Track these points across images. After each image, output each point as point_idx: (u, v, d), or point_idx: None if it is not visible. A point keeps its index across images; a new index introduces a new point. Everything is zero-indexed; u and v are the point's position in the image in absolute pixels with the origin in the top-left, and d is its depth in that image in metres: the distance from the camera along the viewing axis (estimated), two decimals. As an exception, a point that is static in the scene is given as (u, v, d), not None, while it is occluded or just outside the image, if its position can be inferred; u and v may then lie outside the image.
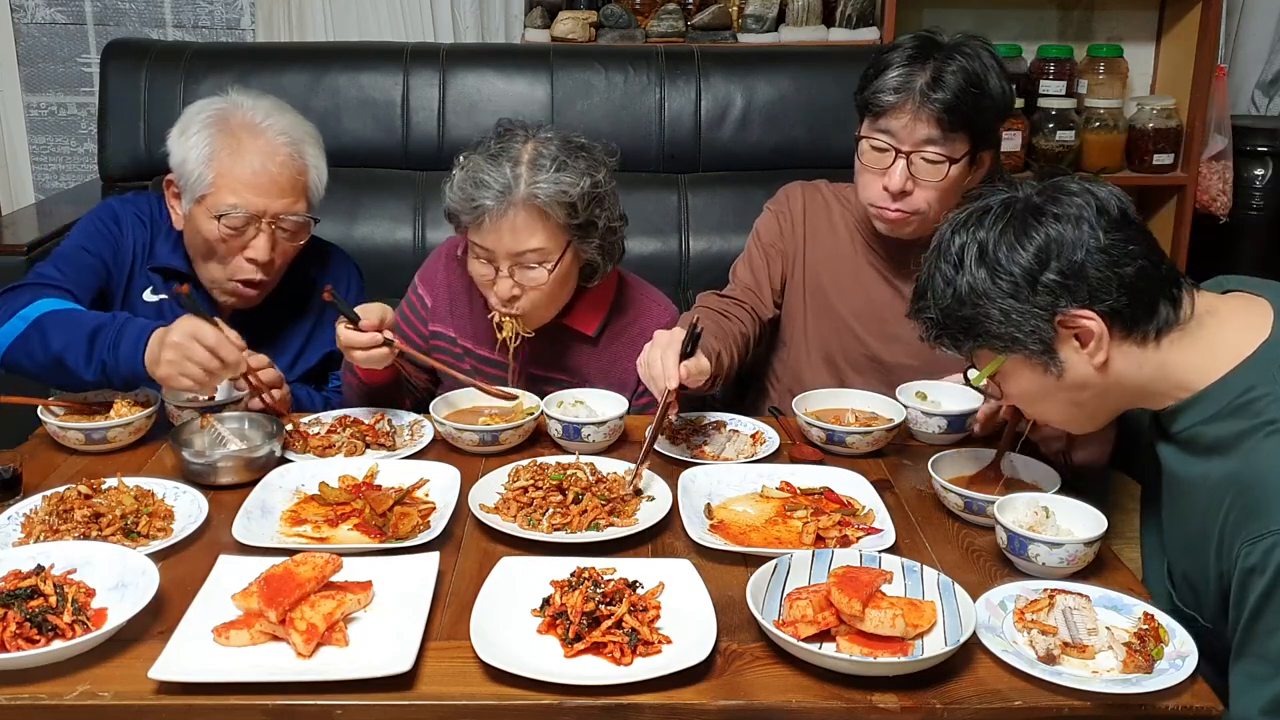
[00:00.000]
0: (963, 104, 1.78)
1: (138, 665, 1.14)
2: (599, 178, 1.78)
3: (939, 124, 1.79)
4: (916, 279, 1.42)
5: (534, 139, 1.77)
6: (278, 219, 1.86)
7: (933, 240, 1.39)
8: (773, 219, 2.09)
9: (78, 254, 1.91)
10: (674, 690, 1.13)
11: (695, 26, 3.71)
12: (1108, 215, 1.28)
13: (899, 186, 1.84)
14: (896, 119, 1.81)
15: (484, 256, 1.77)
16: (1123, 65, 3.94)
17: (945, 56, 1.80)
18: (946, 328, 1.36)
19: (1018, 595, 1.29)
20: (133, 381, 1.72)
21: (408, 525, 1.42)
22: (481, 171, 1.72)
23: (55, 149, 3.96)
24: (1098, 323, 1.27)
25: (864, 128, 1.87)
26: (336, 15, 3.62)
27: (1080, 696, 1.13)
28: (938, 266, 1.36)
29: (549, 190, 1.71)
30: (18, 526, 1.43)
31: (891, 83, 1.80)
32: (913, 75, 1.79)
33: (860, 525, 1.46)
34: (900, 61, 1.81)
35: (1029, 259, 1.28)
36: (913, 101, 1.79)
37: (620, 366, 1.91)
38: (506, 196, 1.71)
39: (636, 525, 1.45)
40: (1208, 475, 1.29)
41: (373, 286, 2.21)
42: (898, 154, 1.82)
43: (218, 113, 1.87)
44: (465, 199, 1.73)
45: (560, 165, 1.73)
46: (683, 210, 2.65)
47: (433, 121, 2.70)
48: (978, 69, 1.80)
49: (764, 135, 2.72)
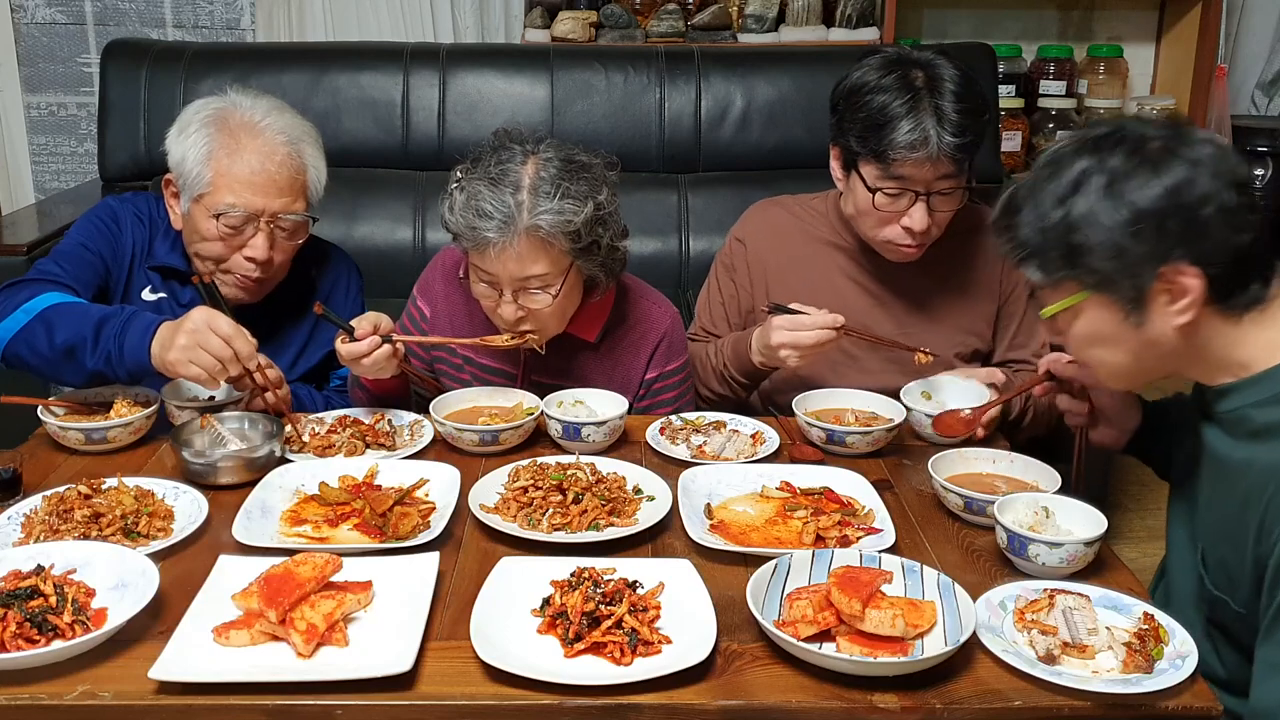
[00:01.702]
0: (971, 134, 1.78)
1: (138, 665, 1.14)
2: (601, 199, 1.73)
3: (955, 162, 1.78)
4: (1013, 191, 1.34)
5: (534, 157, 1.71)
6: (276, 218, 1.86)
7: (1043, 155, 1.32)
8: (740, 251, 2.08)
9: (78, 251, 1.91)
10: (674, 690, 1.13)
11: (695, 26, 3.71)
12: (1236, 177, 1.23)
13: (923, 225, 1.82)
14: (915, 168, 1.78)
15: (487, 280, 1.75)
16: (1123, 65, 3.95)
17: (935, 87, 1.77)
18: (1042, 250, 1.28)
19: (1018, 595, 1.29)
20: (137, 374, 1.72)
21: (408, 525, 1.42)
22: (482, 199, 1.67)
23: (55, 149, 3.96)
24: (1199, 283, 1.22)
25: (870, 174, 1.82)
26: (336, 15, 3.62)
27: (1080, 696, 1.13)
28: (1049, 184, 1.27)
29: (552, 220, 1.67)
30: (18, 526, 1.43)
31: (905, 138, 1.75)
32: (921, 122, 1.75)
33: (860, 525, 1.46)
34: (902, 111, 1.76)
35: (1157, 198, 1.21)
36: (930, 151, 1.76)
37: (622, 370, 1.91)
38: (509, 227, 1.66)
39: (636, 525, 1.45)
40: (1253, 460, 1.27)
41: (373, 286, 2.21)
42: (916, 196, 1.81)
43: (217, 112, 1.87)
44: (467, 226, 1.69)
45: (564, 193, 1.68)
46: (683, 210, 2.65)
47: (433, 121, 2.70)
48: (966, 92, 1.79)
49: (764, 135, 2.72)
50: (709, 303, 2.12)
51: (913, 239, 1.86)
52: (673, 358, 1.94)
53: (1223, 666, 1.39)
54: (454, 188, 1.74)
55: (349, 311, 2.08)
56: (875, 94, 1.80)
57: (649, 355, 1.92)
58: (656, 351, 1.92)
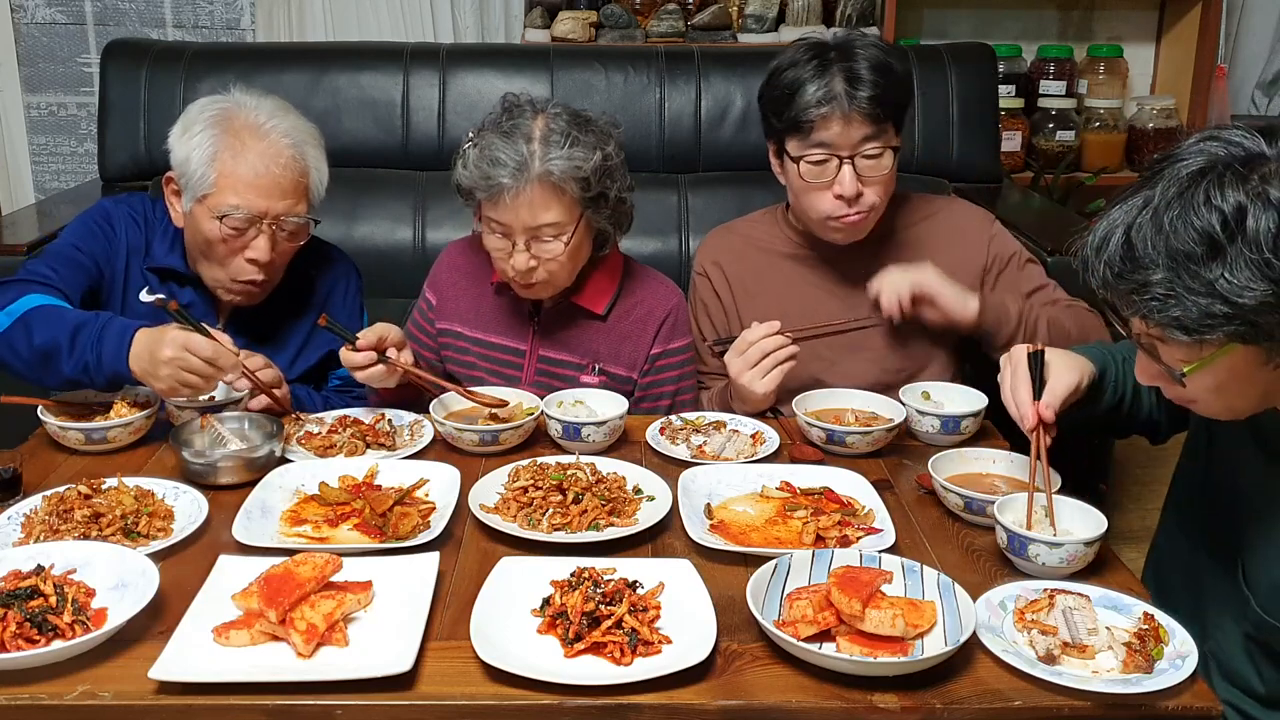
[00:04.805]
0: (882, 92, 1.82)
1: (138, 665, 1.14)
2: (609, 150, 1.83)
3: (871, 119, 1.82)
4: (1127, 233, 1.17)
5: (543, 113, 1.82)
6: (279, 220, 1.86)
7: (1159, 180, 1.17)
8: (708, 287, 2.09)
9: (69, 252, 1.91)
10: (674, 690, 1.13)
11: (695, 26, 3.71)
12: None
13: (853, 190, 1.85)
14: (828, 130, 1.83)
15: (500, 231, 1.82)
16: (1123, 65, 3.95)
17: (846, 55, 1.83)
18: (1195, 312, 1.13)
19: (1018, 595, 1.29)
20: (116, 381, 1.71)
21: (408, 525, 1.42)
22: (496, 149, 1.76)
23: (55, 149, 3.96)
24: None
25: (794, 148, 1.88)
26: (336, 15, 3.62)
27: (1080, 696, 1.13)
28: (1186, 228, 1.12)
29: (563, 166, 1.76)
30: (18, 526, 1.43)
31: (813, 98, 1.82)
32: (829, 83, 1.82)
33: (860, 525, 1.46)
34: (810, 75, 1.83)
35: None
36: (840, 107, 1.81)
37: (629, 344, 1.94)
38: (522, 173, 1.75)
39: (636, 525, 1.45)
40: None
41: (373, 286, 2.21)
42: (841, 161, 1.84)
43: (221, 112, 1.87)
44: (481, 176, 1.77)
45: (573, 141, 1.78)
46: (683, 210, 2.65)
47: (433, 121, 2.70)
48: (878, 55, 1.84)
49: (764, 135, 2.71)
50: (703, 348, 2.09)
51: (848, 207, 1.87)
52: (676, 336, 1.99)
53: (1262, 682, 1.38)
54: (466, 147, 1.84)
55: (349, 311, 2.09)
56: (787, 70, 1.87)
57: (655, 330, 1.97)
58: (663, 327, 1.97)
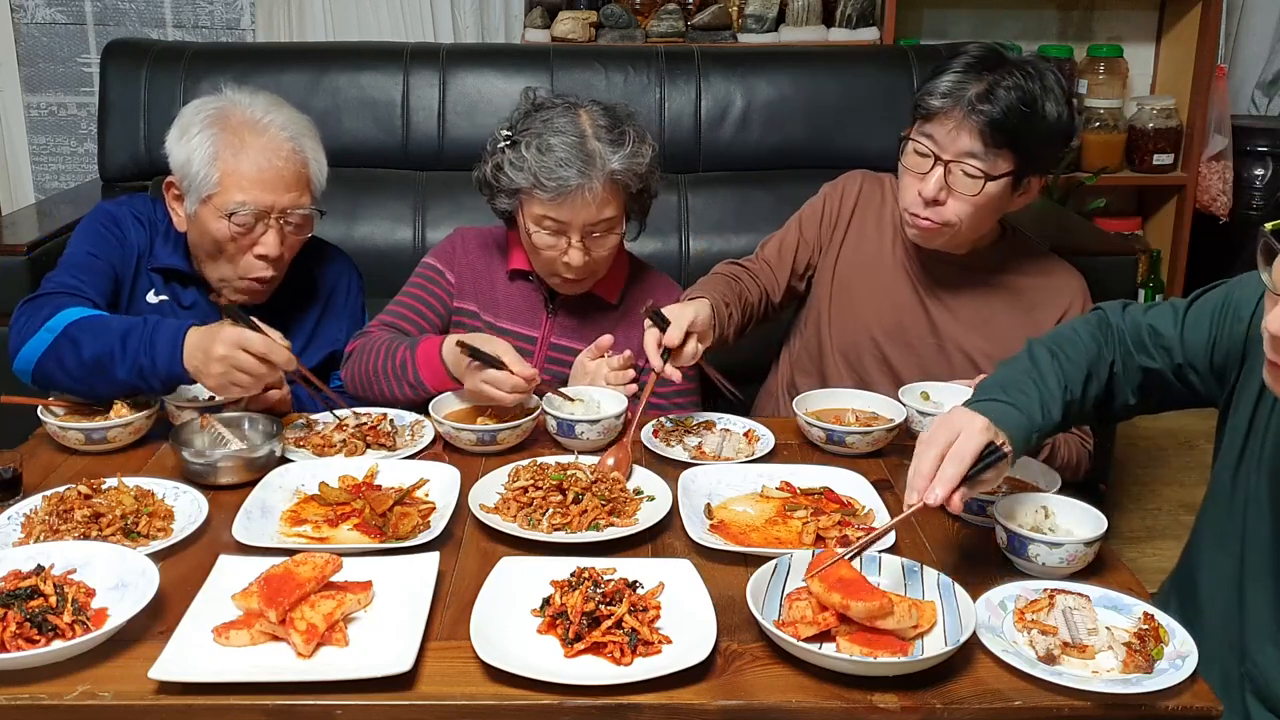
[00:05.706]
0: (1010, 122, 1.73)
1: (138, 665, 1.14)
2: (653, 144, 1.91)
3: (982, 138, 1.74)
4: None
5: (579, 110, 1.88)
6: (285, 213, 1.86)
7: None
8: (820, 206, 2.07)
9: (88, 260, 1.90)
10: (674, 690, 1.13)
11: (695, 26, 3.71)
12: None
13: (932, 194, 1.80)
14: (941, 125, 1.77)
15: (554, 229, 1.86)
16: (1123, 65, 3.95)
17: (1004, 71, 1.75)
18: None
19: (1018, 595, 1.29)
20: (171, 382, 1.71)
21: (408, 525, 1.42)
22: (558, 150, 1.81)
23: (55, 149, 3.96)
24: None
25: (912, 129, 1.84)
26: (336, 15, 3.63)
27: (1080, 696, 1.13)
28: None
29: (626, 164, 1.84)
30: (18, 526, 1.43)
31: (943, 87, 1.76)
32: (965, 84, 1.75)
33: (860, 525, 1.46)
34: (957, 68, 1.77)
35: None
36: (960, 110, 1.74)
37: (638, 332, 1.94)
38: (591, 172, 1.81)
39: (636, 525, 1.45)
40: None
41: (373, 286, 2.21)
42: (937, 160, 1.79)
43: (217, 111, 1.87)
44: (546, 175, 1.81)
45: (628, 138, 1.85)
46: (683, 210, 2.65)
47: (433, 121, 2.70)
48: (1035, 90, 1.74)
49: (764, 135, 2.72)
50: (779, 239, 2.07)
51: (923, 210, 1.83)
52: None
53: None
54: (504, 146, 1.88)
55: (350, 311, 2.10)
56: (949, 59, 1.82)
57: None
58: None
